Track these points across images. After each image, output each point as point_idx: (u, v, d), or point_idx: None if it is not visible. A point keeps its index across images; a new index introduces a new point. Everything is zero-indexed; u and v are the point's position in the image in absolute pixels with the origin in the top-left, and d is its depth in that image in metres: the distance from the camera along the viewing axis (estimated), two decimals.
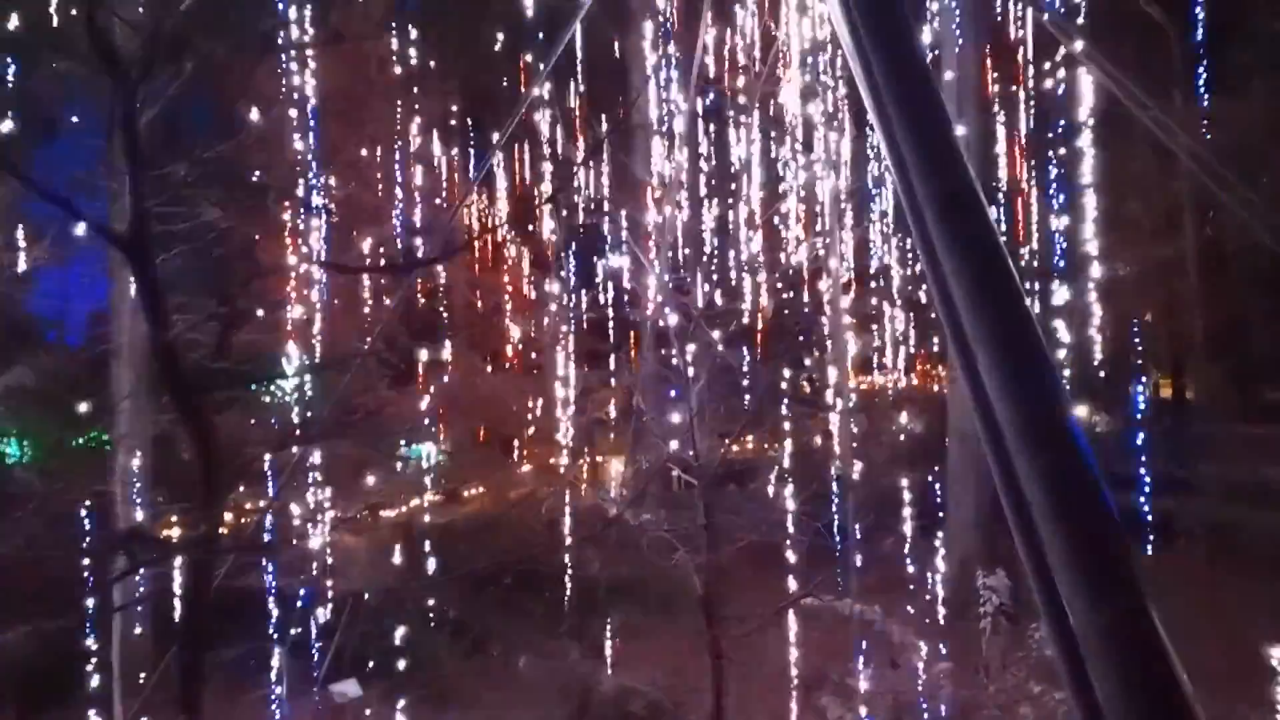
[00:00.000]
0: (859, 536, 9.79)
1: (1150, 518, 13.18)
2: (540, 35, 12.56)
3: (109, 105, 3.51)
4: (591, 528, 10.50)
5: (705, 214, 12.46)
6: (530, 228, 16.91)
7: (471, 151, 16.81)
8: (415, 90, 13.43)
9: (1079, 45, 8.55)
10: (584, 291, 16.36)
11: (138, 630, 10.52)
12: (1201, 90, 15.36)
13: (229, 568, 6.20)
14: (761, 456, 12.92)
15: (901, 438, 14.85)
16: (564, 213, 15.74)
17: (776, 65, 10.63)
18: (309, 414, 9.94)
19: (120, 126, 3.47)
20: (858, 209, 11.43)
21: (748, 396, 10.32)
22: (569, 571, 11.49)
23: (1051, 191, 13.09)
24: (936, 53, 12.69)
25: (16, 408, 10.61)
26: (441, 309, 15.68)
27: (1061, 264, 12.75)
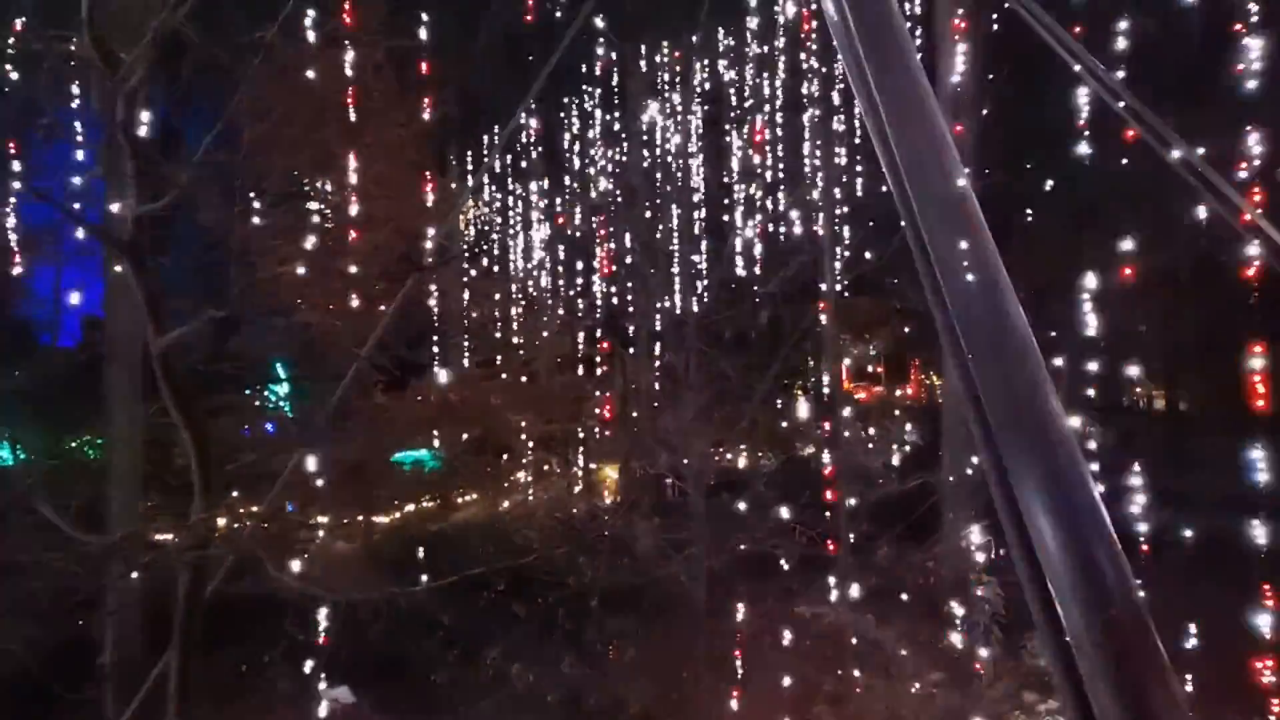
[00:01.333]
0: (852, 545, 9.79)
1: (1141, 528, 13.19)
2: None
3: (109, 109, 3.51)
4: (585, 535, 10.48)
5: (700, 219, 12.49)
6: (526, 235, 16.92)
7: (469, 156, 16.83)
8: (413, 94, 13.40)
9: (1076, 55, 8.58)
10: (580, 299, 16.36)
11: (131, 635, 10.46)
12: (1194, 100, 15.44)
13: (222, 573, 6.19)
14: (755, 465, 12.92)
15: (896, 447, 14.86)
16: (559, 218, 15.75)
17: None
18: (303, 419, 9.90)
19: (120, 130, 3.47)
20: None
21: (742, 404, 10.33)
22: (562, 579, 11.47)
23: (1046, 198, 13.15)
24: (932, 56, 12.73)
25: (10, 411, 10.58)
26: (437, 316, 15.65)
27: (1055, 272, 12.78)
